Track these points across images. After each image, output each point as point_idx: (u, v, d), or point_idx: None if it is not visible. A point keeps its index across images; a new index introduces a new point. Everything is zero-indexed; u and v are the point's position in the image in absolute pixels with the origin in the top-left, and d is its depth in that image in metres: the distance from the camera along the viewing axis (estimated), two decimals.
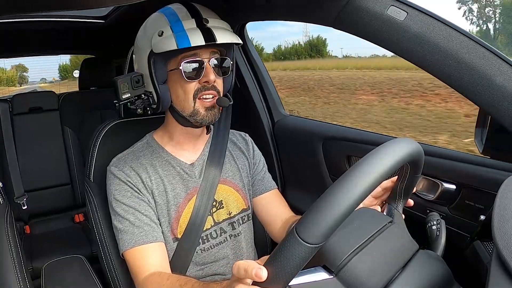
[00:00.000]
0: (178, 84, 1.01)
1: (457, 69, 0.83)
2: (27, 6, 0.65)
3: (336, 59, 15.13)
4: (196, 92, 1.01)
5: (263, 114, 1.59)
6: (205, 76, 0.99)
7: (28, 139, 2.36)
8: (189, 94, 1.01)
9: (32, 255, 1.95)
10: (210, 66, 1.00)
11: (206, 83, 1.00)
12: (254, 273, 0.53)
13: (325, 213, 0.52)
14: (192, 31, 0.95)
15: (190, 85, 1.00)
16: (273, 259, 0.53)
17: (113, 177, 1.04)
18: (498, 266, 0.55)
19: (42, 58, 23.29)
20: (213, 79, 1.00)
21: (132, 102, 1.03)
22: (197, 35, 0.94)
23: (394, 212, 0.82)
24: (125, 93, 1.01)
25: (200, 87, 1.00)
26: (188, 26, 0.97)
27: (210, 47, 1.00)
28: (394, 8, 0.88)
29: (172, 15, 1.00)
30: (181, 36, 0.94)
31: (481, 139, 0.98)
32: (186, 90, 1.01)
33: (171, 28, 0.97)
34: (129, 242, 0.99)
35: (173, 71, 1.01)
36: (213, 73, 1.00)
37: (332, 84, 11.63)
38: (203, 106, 1.01)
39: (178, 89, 1.02)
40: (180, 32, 0.96)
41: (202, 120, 1.02)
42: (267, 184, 1.23)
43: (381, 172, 0.56)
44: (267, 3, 1.17)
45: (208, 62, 1.00)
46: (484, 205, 0.93)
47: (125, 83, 1.00)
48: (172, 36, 0.95)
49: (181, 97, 1.02)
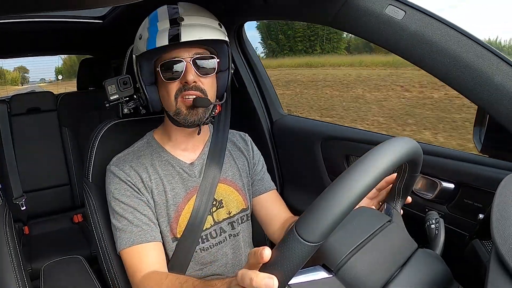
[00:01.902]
0: (162, 85, 1.03)
1: (455, 68, 0.83)
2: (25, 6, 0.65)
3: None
4: (177, 92, 1.01)
5: (261, 113, 1.59)
6: (184, 76, 0.99)
7: (26, 140, 2.36)
8: (171, 94, 1.01)
9: (31, 256, 1.95)
10: (190, 65, 0.99)
11: (186, 83, 1.00)
12: (259, 254, 0.53)
13: (324, 211, 0.52)
14: (162, 32, 0.97)
15: (171, 86, 1.01)
16: (272, 258, 0.53)
17: (113, 176, 1.04)
18: (497, 264, 0.56)
19: (41, 60, 23.65)
20: (192, 79, 0.99)
21: (124, 102, 1.11)
22: (163, 35, 0.96)
23: (392, 211, 0.82)
24: (113, 95, 1.09)
25: (181, 87, 1.00)
26: (162, 27, 0.98)
27: (193, 46, 1.00)
28: (392, 7, 0.88)
29: (154, 18, 1.02)
30: (151, 38, 0.97)
31: (480, 138, 0.98)
32: (168, 90, 1.01)
33: (148, 30, 1.00)
34: (127, 241, 0.99)
35: (157, 72, 1.02)
36: (194, 73, 0.99)
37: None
38: (184, 105, 1.01)
39: (162, 90, 1.04)
40: (153, 33, 0.98)
41: (184, 119, 1.02)
42: (267, 185, 1.23)
43: (380, 171, 0.56)
44: (265, 3, 1.17)
45: (189, 62, 0.99)
46: (483, 203, 0.94)
47: (112, 85, 1.09)
48: (145, 39, 0.99)
49: (165, 98, 1.04)
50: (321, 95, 9.55)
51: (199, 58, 1.00)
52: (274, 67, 12.50)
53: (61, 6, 0.68)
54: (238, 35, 1.56)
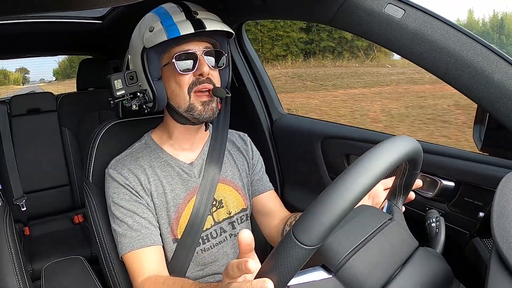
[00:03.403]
0: (172, 79, 1.01)
1: (455, 66, 0.83)
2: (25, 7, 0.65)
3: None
4: (191, 86, 1.00)
5: (261, 113, 1.59)
6: (198, 68, 0.99)
7: (27, 141, 2.35)
8: (184, 88, 1.00)
9: (31, 256, 1.95)
10: (203, 58, 0.99)
11: (200, 75, 0.99)
12: (243, 267, 0.54)
13: (321, 214, 0.52)
14: (182, 22, 0.96)
15: (184, 78, 0.99)
16: (270, 261, 0.53)
17: (111, 180, 1.04)
18: (497, 262, 0.56)
19: (40, 61, 23.88)
20: (207, 71, 0.99)
21: (128, 100, 1.03)
22: (186, 24, 0.95)
23: (393, 209, 0.82)
24: (119, 90, 1.01)
25: (195, 80, 1.00)
26: (177, 19, 0.97)
27: (203, 40, 1.01)
28: (391, 6, 0.88)
29: (163, 13, 1.01)
30: (170, 28, 0.95)
31: (480, 136, 0.98)
32: (181, 83, 1.00)
33: (161, 23, 0.98)
34: (127, 246, 0.99)
35: (167, 66, 1.01)
36: (207, 65, 0.99)
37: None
38: (200, 101, 1.00)
39: (172, 84, 1.01)
40: (170, 24, 0.96)
41: (199, 115, 1.01)
42: (266, 185, 1.23)
43: (378, 171, 0.56)
44: (264, 2, 1.17)
45: (201, 55, 0.99)
46: (483, 202, 0.94)
47: (119, 79, 1.01)
48: (162, 30, 0.96)
49: (176, 92, 1.01)
50: None
51: (211, 51, 1.01)
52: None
53: (61, 6, 0.68)
54: (238, 34, 1.56)
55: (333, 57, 15.17)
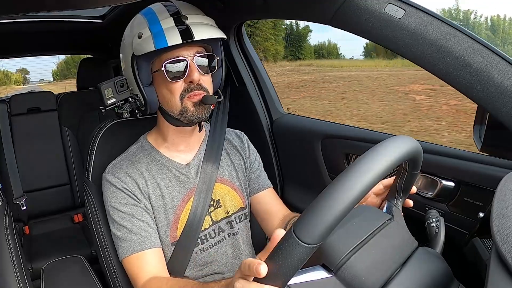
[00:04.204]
0: (163, 85, 1.01)
1: (455, 66, 0.83)
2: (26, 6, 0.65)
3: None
4: (183, 93, 0.99)
5: (261, 112, 1.59)
6: (189, 75, 0.98)
7: (27, 140, 2.35)
8: (176, 95, 1.00)
9: (31, 256, 1.95)
10: (194, 64, 0.98)
11: (191, 82, 0.99)
12: (254, 269, 0.54)
13: (322, 213, 0.52)
14: (170, 30, 0.94)
15: (175, 86, 0.99)
16: (271, 259, 0.53)
17: (109, 184, 1.03)
18: (497, 262, 0.56)
19: (39, 62, 24.04)
20: (197, 78, 0.98)
21: (119, 106, 1.04)
22: (174, 33, 0.93)
23: (393, 209, 0.82)
24: (110, 99, 1.02)
25: (186, 87, 0.99)
26: (166, 25, 0.96)
27: (194, 45, 0.99)
28: (391, 6, 0.88)
29: (151, 15, 0.99)
30: (158, 36, 0.94)
31: (480, 136, 0.98)
32: (172, 90, 1.00)
33: (149, 29, 0.96)
34: (127, 250, 0.99)
35: (158, 72, 1.00)
36: (198, 71, 0.99)
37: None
38: (191, 102, 1.00)
39: (163, 90, 1.01)
40: (158, 32, 0.95)
41: (192, 117, 1.01)
42: (264, 183, 1.23)
43: (378, 170, 0.56)
44: (264, 2, 1.17)
45: (192, 61, 0.98)
46: (483, 202, 0.94)
47: (109, 88, 1.01)
48: (150, 37, 0.95)
49: (167, 98, 1.01)
50: None
51: (201, 56, 1.00)
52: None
53: (62, 5, 0.68)
54: (238, 34, 1.56)
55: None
